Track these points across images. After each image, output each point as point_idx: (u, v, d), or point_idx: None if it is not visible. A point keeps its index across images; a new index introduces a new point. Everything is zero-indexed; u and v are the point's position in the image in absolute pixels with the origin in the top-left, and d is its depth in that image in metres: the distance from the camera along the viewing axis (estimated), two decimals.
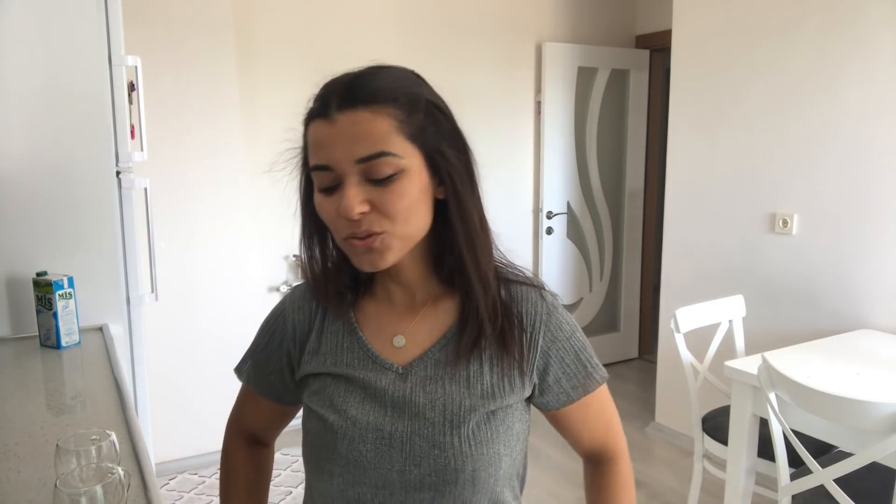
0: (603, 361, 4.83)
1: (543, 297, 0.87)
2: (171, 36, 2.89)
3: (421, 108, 0.78)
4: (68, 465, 0.88)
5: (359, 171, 0.74)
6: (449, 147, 0.80)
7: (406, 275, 0.85)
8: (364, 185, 0.74)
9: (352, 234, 0.76)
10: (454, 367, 0.82)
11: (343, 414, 0.82)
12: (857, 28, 2.48)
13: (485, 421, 0.80)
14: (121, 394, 1.47)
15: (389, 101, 0.75)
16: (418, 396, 0.81)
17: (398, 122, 0.75)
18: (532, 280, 0.89)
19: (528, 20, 3.91)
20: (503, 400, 0.81)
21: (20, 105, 1.82)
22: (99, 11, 1.90)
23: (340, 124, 0.74)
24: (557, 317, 0.86)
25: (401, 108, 0.76)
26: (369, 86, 0.77)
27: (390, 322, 0.87)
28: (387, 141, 0.74)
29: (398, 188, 0.75)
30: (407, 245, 0.79)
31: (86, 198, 1.92)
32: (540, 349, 0.84)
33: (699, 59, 3.06)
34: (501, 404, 0.81)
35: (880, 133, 2.45)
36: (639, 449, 3.26)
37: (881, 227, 2.47)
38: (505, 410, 0.82)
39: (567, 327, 0.87)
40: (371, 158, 0.73)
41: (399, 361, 0.84)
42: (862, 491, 1.74)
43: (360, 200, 0.74)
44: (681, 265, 3.23)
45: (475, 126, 4.26)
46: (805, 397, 1.66)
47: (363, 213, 0.74)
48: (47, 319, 1.74)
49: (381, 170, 0.74)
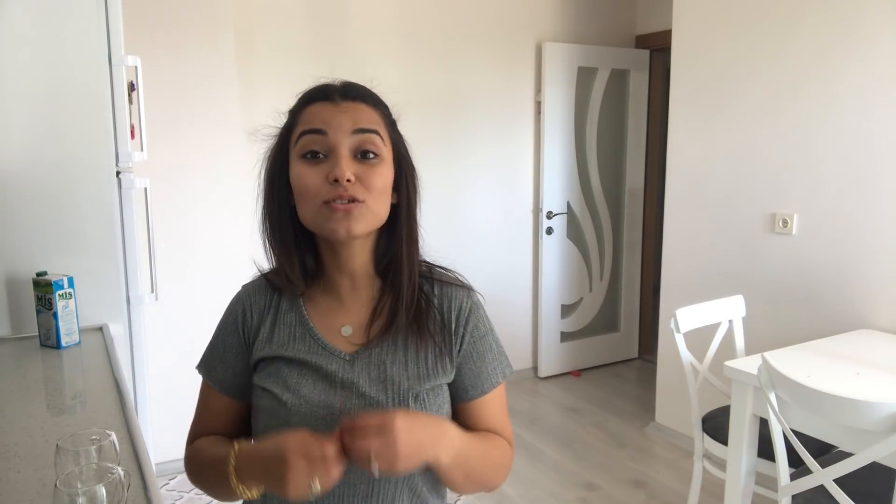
0: (603, 361, 4.82)
1: (470, 297, 0.99)
2: (171, 36, 2.89)
3: (394, 123, 0.95)
4: (68, 465, 0.88)
5: (351, 143, 0.87)
6: (406, 161, 0.95)
7: (354, 264, 0.95)
8: (352, 161, 0.87)
9: (337, 196, 0.86)
10: (394, 353, 0.93)
11: (296, 393, 0.91)
12: (857, 28, 2.48)
13: (421, 399, 0.91)
14: (121, 394, 1.47)
15: (380, 105, 0.93)
16: (365, 379, 0.91)
17: (385, 122, 0.92)
18: (462, 282, 1.00)
19: (528, 20, 3.91)
20: (435, 381, 0.93)
21: (20, 105, 1.82)
22: (99, 11, 1.90)
23: (344, 107, 0.88)
24: (477, 316, 0.98)
25: (386, 114, 0.94)
26: (366, 90, 0.93)
27: (338, 314, 0.97)
28: (379, 127, 0.90)
29: (379, 169, 0.88)
30: (373, 223, 0.90)
31: (86, 198, 1.92)
32: (463, 341, 0.95)
33: (699, 59, 3.06)
34: (433, 384, 0.93)
35: (880, 133, 2.45)
36: (639, 449, 3.26)
37: (881, 227, 2.47)
38: (435, 391, 0.93)
39: (483, 327, 0.98)
40: (367, 131, 0.88)
41: (346, 350, 0.94)
42: (862, 491, 1.74)
43: (351, 170, 0.86)
44: (681, 265, 3.23)
45: (475, 126, 4.29)
46: (805, 397, 1.66)
47: (350, 180, 0.86)
48: (47, 319, 1.74)
49: (371, 145, 0.88)
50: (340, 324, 0.96)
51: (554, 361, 4.22)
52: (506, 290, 4.08)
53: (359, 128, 0.87)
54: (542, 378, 4.21)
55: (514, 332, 4.16)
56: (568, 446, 3.30)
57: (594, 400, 3.88)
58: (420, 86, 3.62)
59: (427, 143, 3.67)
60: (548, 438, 3.40)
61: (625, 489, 2.88)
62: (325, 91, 0.90)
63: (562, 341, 4.24)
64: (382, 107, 0.93)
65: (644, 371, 4.35)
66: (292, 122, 0.93)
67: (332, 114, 0.88)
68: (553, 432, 3.46)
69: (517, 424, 3.53)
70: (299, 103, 0.93)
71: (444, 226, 3.76)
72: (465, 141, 3.80)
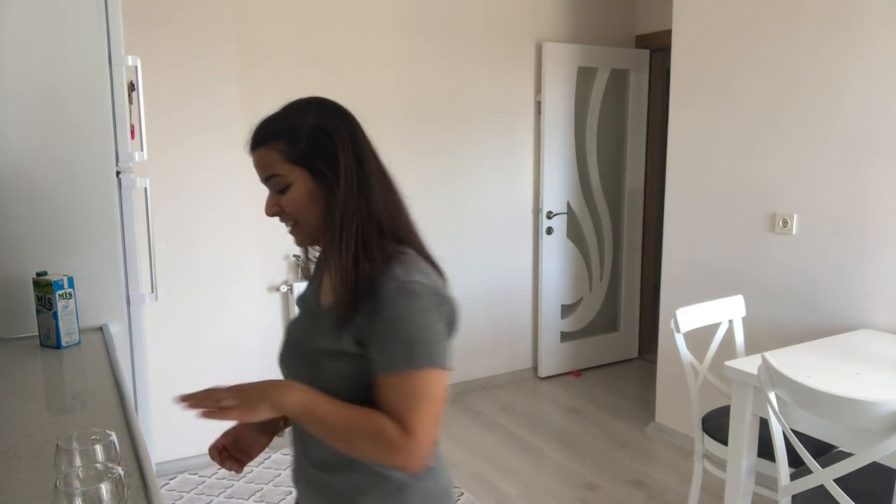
0: (603, 361, 4.81)
1: (401, 287, 1.01)
2: (171, 36, 2.89)
3: (302, 137, 1.06)
4: (68, 465, 0.88)
5: (269, 186, 1.10)
6: (321, 160, 1.06)
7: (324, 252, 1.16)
8: (275, 195, 1.10)
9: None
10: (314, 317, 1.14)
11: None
12: (857, 28, 2.48)
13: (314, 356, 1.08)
14: (121, 394, 1.47)
15: (274, 140, 1.07)
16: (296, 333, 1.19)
17: (281, 153, 1.06)
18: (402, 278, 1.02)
19: (528, 20, 3.91)
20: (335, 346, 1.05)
21: (20, 105, 1.82)
22: (99, 11, 1.90)
23: (253, 157, 1.11)
24: (397, 304, 1.00)
25: (284, 142, 1.07)
26: (262, 131, 1.09)
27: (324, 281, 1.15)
28: (275, 167, 1.07)
29: (290, 196, 1.07)
30: (313, 230, 1.11)
31: (86, 198, 1.92)
32: (373, 321, 1.01)
33: (699, 59, 3.06)
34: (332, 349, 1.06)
35: (880, 133, 2.45)
36: (639, 449, 3.27)
37: (881, 226, 2.47)
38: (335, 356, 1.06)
39: (400, 315, 1.00)
40: (267, 179, 1.09)
41: (323, 303, 1.14)
42: (862, 491, 1.74)
43: (272, 205, 1.10)
44: (681, 265, 3.23)
45: (475, 126, 4.29)
46: (805, 397, 1.66)
47: (275, 213, 1.11)
48: (47, 319, 1.74)
49: (275, 185, 1.08)
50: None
51: (554, 361, 4.22)
52: (506, 290, 4.08)
53: (262, 179, 1.10)
54: (542, 378, 4.21)
55: (514, 332, 4.16)
56: (568, 446, 3.30)
57: (594, 400, 3.88)
58: (420, 86, 3.62)
59: (427, 142, 3.67)
60: (548, 438, 3.40)
61: (625, 489, 2.88)
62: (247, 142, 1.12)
63: (562, 341, 4.24)
64: (275, 139, 1.07)
65: (644, 371, 4.35)
66: None
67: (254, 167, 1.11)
68: (553, 432, 3.46)
69: (517, 424, 3.53)
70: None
71: (443, 226, 3.76)
72: (464, 141, 3.80)
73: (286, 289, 3.33)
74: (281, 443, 1.36)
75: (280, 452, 3.15)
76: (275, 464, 3.07)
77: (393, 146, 3.57)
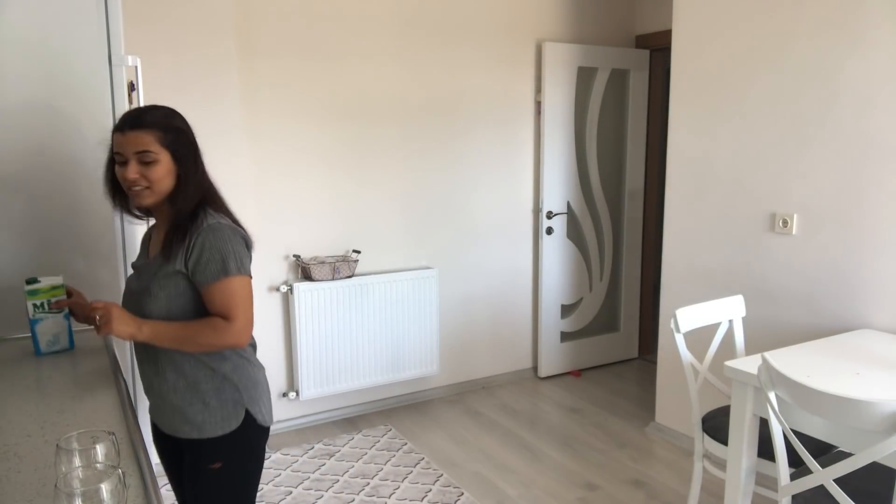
0: (603, 361, 4.82)
1: (208, 230, 1.49)
2: (171, 36, 2.89)
3: (171, 131, 1.50)
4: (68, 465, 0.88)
5: (135, 158, 1.46)
6: (182, 149, 1.52)
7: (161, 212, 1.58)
8: (138, 164, 1.47)
9: (130, 186, 1.48)
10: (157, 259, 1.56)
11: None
12: (857, 27, 2.48)
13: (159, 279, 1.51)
14: (121, 394, 1.47)
15: (152, 127, 1.48)
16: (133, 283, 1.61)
17: (155, 137, 1.47)
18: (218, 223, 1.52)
19: (528, 20, 3.91)
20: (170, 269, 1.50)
21: (20, 105, 1.82)
22: (99, 11, 1.90)
23: (128, 135, 1.46)
24: (204, 239, 1.49)
25: (158, 130, 1.48)
26: (143, 117, 1.48)
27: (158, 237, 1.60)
28: (150, 146, 1.47)
29: (155, 169, 1.48)
30: (157, 197, 1.50)
31: (86, 199, 1.92)
32: (191, 252, 1.49)
33: (699, 59, 3.06)
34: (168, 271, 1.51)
35: (880, 132, 2.45)
36: (639, 449, 3.27)
37: (881, 227, 2.47)
38: (173, 277, 1.50)
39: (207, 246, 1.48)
40: (140, 153, 1.46)
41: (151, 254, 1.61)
42: (862, 491, 1.74)
43: (134, 172, 1.46)
44: (681, 265, 3.23)
45: (475, 126, 4.29)
46: (805, 397, 1.67)
47: (135, 179, 1.46)
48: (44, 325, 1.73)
49: (145, 158, 1.46)
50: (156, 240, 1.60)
51: (554, 361, 4.22)
52: (506, 290, 4.08)
53: (136, 151, 1.46)
54: (542, 378, 4.21)
55: (514, 332, 4.17)
56: (568, 446, 3.30)
57: (594, 400, 3.88)
58: (420, 85, 3.62)
59: (427, 142, 3.67)
60: (548, 438, 3.40)
61: (625, 489, 2.88)
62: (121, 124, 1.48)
63: (562, 341, 4.25)
64: (153, 127, 1.47)
65: (644, 371, 4.35)
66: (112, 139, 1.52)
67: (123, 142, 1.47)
68: (553, 432, 3.46)
69: (517, 424, 3.54)
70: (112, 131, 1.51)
71: (443, 225, 3.76)
72: (464, 141, 3.80)
73: (286, 289, 3.33)
74: (281, 442, 1.37)
75: (280, 452, 3.15)
76: (274, 464, 3.07)
77: (393, 146, 3.60)
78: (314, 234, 3.42)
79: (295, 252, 3.38)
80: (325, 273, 3.36)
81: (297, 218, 3.37)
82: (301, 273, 3.40)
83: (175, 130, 1.50)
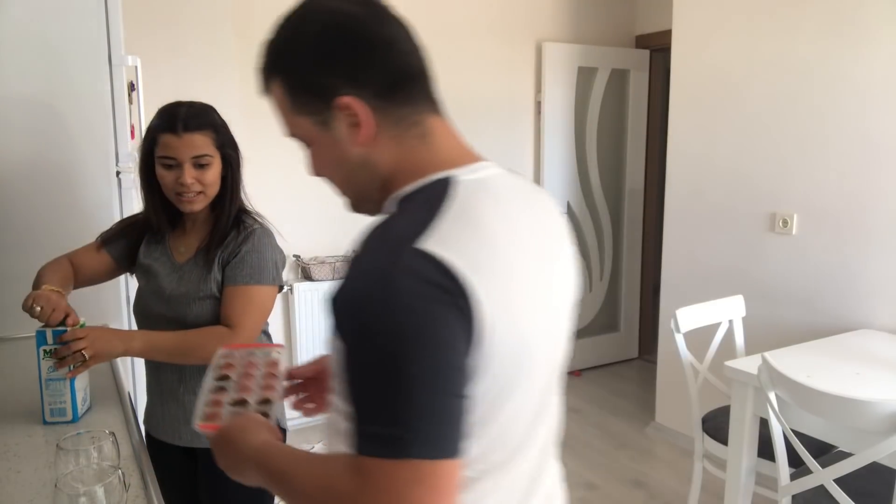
0: (603, 361, 4.80)
1: (264, 232, 1.50)
2: (171, 36, 2.89)
3: (220, 130, 1.43)
4: (68, 465, 0.88)
5: (192, 161, 1.38)
6: (230, 150, 1.45)
7: (193, 216, 1.49)
8: (193, 168, 1.38)
9: (184, 191, 1.39)
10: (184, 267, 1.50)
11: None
12: (857, 28, 2.48)
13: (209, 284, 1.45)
14: (121, 394, 1.47)
15: (207, 128, 1.40)
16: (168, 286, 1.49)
17: (210, 139, 1.40)
18: (268, 229, 1.53)
19: (528, 20, 3.91)
20: (215, 273, 1.45)
21: (20, 105, 1.82)
22: (99, 11, 1.90)
23: (184, 138, 1.37)
24: (254, 239, 1.46)
25: (212, 131, 1.40)
26: (198, 118, 1.39)
27: (184, 241, 1.52)
28: (207, 148, 1.39)
29: (208, 171, 1.40)
30: (209, 200, 1.44)
31: (86, 198, 1.92)
32: (235, 250, 1.45)
33: (699, 59, 3.06)
34: (213, 275, 1.45)
35: (880, 133, 2.45)
36: (639, 449, 3.26)
37: (881, 226, 2.47)
38: (215, 282, 1.45)
39: (253, 245, 1.45)
40: (198, 157, 1.39)
41: (180, 261, 1.50)
42: (862, 491, 1.74)
43: (192, 177, 1.38)
44: (681, 265, 3.23)
45: (475, 126, 4.28)
46: (805, 397, 1.66)
47: (192, 182, 1.38)
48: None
49: (202, 162, 1.39)
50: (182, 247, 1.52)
51: None
52: None
53: (194, 156, 1.38)
54: None
55: None
56: (568, 446, 3.30)
57: (594, 400, 3.88)
58: None
59: None
60: None
61: (625, 489, 2.88)
62: (171, 124, 1.37)
63: None
64: (208, 128, 1.40)
65: (644, 371, 4.35)
66: (152, 139, 1.42)
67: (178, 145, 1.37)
68: None
69: None
70: (154, 130, 1.41)
71: None
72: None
73: (286, 289, 3.33)
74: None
75: None
76: None
77: None
78: (314, 234, 3.42)
79: (295, 252, 3.38)
80: (326, 273, 3.36)
81: (298, 218, 3.37)
82: (301, 273, 3.40)
83: (224, 130, 1.44)
